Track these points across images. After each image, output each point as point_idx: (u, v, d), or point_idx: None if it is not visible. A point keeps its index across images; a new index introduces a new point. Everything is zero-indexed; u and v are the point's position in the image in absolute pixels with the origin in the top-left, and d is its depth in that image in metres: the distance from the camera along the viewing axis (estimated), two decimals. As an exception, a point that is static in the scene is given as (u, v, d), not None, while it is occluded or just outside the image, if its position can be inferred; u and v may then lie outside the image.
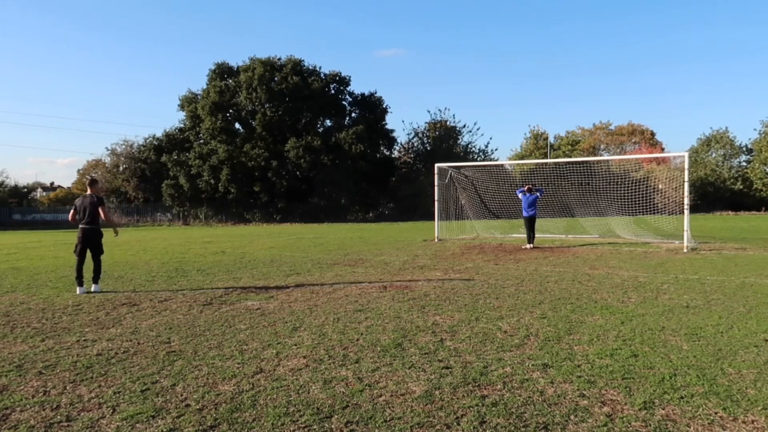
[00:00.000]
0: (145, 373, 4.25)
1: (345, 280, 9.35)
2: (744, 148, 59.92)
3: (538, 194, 15.71)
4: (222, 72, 48.53)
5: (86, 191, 8.44)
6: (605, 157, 50.10)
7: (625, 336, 5.20)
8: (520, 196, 15.77)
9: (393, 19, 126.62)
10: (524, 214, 15.60)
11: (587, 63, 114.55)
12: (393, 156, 53.84)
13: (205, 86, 48.72)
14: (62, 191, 75.05)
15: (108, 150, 60.21)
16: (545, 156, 62.08)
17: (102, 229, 8.52)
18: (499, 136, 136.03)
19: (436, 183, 19.80)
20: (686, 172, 14.81)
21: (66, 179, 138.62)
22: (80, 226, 8.26)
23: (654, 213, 20.85)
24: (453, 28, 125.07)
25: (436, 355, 4.64)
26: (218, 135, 45.90)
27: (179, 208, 48.43)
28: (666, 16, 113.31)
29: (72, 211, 8.40)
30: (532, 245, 15.21)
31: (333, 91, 49.20)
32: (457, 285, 8.58)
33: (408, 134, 61.77)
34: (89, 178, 9.14)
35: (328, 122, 49.66)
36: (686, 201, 14.76)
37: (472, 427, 3.18)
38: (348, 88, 50.01)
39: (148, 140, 51.33)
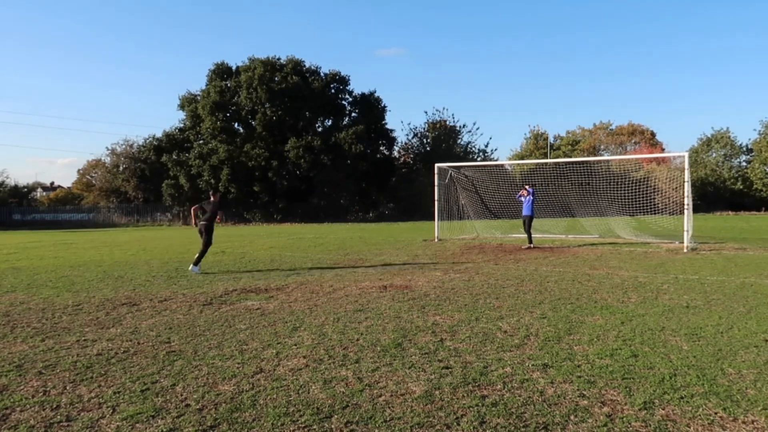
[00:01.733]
0: (145, 373, 4.25)
1: (345, 280, 9.35)
2: (744, 149, 59.95)
3: (530, 196, 15.71)
4: (222, 72, 48.56)
5: (209, 199, 11.41)
6: (605, 157, 50.10)
7: (625, 336, 5.20)
8: (523, 200, 15.77)
9: (393, 20, 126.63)
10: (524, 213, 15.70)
11: (587, 63, 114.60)
12: (393, 156, 53.85)
13: (205, 86, 48.76)
14: (62, 191, 75.04)
15: (108, 150, 60.33)
16: (545, 156, 62.08)
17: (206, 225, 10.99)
18: (499, 136, 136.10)
19: (436, 183, 19.80)
20: (686, 172, 14.81)
21: (66, 179, 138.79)
22: (202, 222, 11.03)
23: (654, 213, 20.85)
24: (453, 29, 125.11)
25: (436, 355, 4.64)
26: (218, 135, 45.92)
27: (179, 208, 48.43)
28: (666, 17, 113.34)
29: (196, 208, 11.35)
30: (531, 245, 15.24)
31: (333, 91, 49.22)
32: (457, 285, 8.58)
33: (406, 135, 61.83)
34: (214, 190, 12.82)
35: (327, 122, 49.68)
36: (686, 201, 14.76)
37: (472, 427, 3.18)
38: (347, 88, 50.06)
39: (148, 140, 51.36)
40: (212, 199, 11.35)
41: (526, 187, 15.83)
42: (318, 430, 3.17)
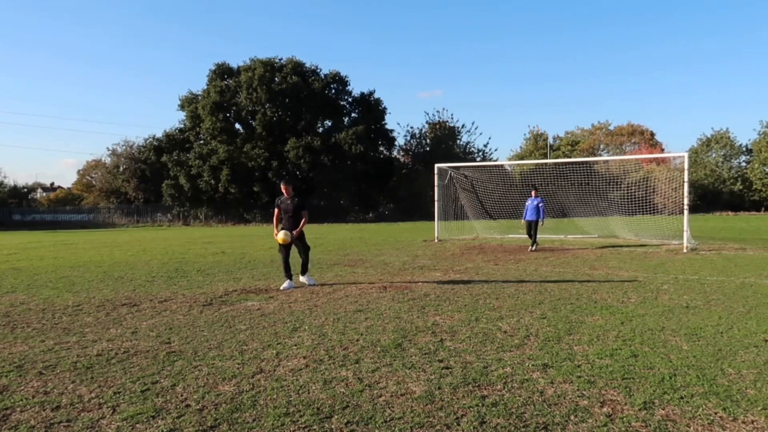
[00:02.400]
0: (145, 373, 4.25)
1: (345, 280, 9.35)
2: (744, 149, 59.96)
3: (540, 200, 15.35)
4: (222, 72, 48.59)
5: (282, 195, 8.89)
6: (605, 158, 50.14)
7: (625, 336, 5.21)
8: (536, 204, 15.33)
9: (394, 19, 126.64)
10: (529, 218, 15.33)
11: (587, 63, 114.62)
12: (393, 156, 53.88)
13: (205, 86, 48.78)
14: (62, 191, 75.07)
15: (108, 150, 60.37)
16: (545, 156, 62.10)
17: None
18: (499, 137, 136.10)
19: (435, 183, 19.81)
20: (686, 173, 14.81)
21: (66, 179, 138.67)
22: (282, 231, 8.60)
23: (654, 213, 20.86)
24: (453, 29, 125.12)
25: (436, 355, 4.65)
26: (218, 135, 45.94)
27: (179, 209, 48.46)
28: (666, 17, 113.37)
29: (277, 213, 8.90)
30: (533, 247, 15.19)
31: (333, 92, 49.25)
32: (457, 285, 8.58)
33: (405, 137, 61.91)
34: (285, 180, 8.97)
35: (327, 122, 49.70)
36: (686, 201, 14.77)
37: (472, 427, 3.18)
38: (347, 88, 50.09)
39: (148, 140, 51.41)
40: (285, 195, 8.71)
41: (533, 193, 15.45)
42: (318, 431, 3.17)
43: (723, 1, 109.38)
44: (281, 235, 8.49)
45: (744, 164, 59.43)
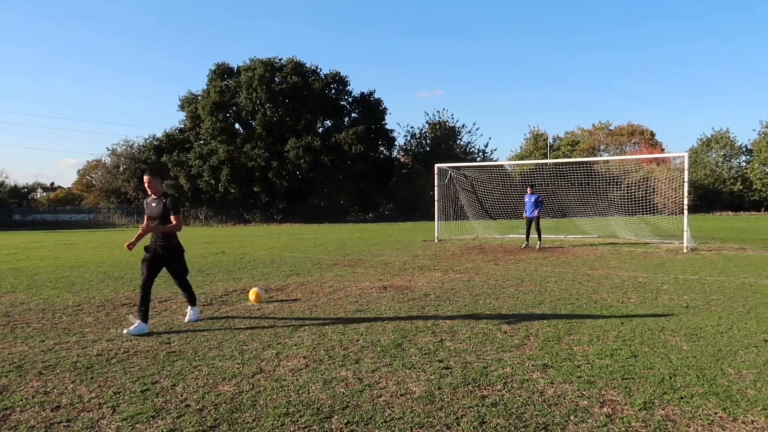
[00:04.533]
0: (145, 373, 4.25)
1: (345, 280, 9.35)
2: (744, 149, 59.94)
3: (538, 196, 15.64)
4: (222, 72, 48.58)
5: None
6: (605, 158, 50.15)
7: (625, 336, 5.21)
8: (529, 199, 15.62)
9: (393, 20, 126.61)
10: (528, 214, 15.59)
11: (587, 63, 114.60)
12: (393, 156, 53.88)
13: (205, 87, 48.78)
14: (62, 191, 75.09)
15: (108, 150, 60.40)
16: (545, 156, 62.10)
17: None
18: (499, 137, 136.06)
19: (436, 183, 19.81)
20: (686, 173, 14.81)
21: (66, 179, 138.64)
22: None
23: (654, 213, 20.87)
24: (453, 29, 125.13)
25: (436, 355, 4.65)
26: (218, 135, 45.92)
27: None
28: (666, 17, 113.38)
29: None
30: (539, 245, 15.40)
31: (333, 92, 49.25)
32: (457, 285, 8.58)
33: (405, 137, 61.93)
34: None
35: (327, 122, 49.69)
36: (686, 201, 14.77)
37: (472, 428, 3.18)
38: (347, 88, 50.09)
39: (148, 140, 51.37)
40: (149, 192, 5.98)
41: (528, 190, 15.72)
42: (318, 431, 3.17)
43: (723, 1, 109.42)
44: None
45: (744, 164, 59.40)
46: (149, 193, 5.94)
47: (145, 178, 5.90)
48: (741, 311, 6.32)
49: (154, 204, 5.93)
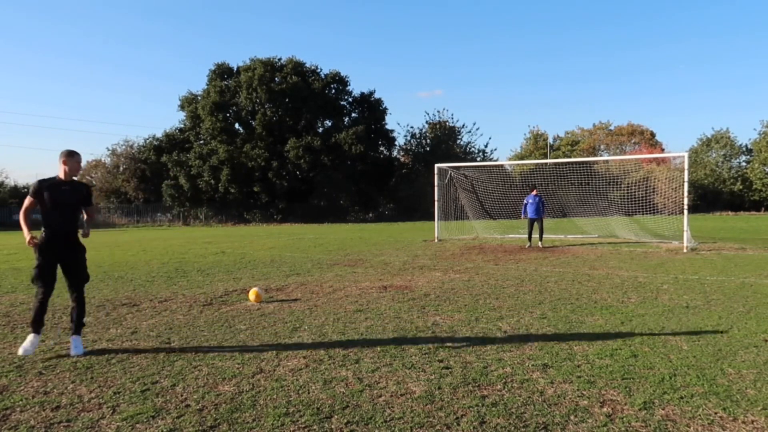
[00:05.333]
0: (145, 373, 4.25)
1: (345, 280, 9.35)
2: (744, 149, 59.93)
3: (540, 198, 15.84)
4: (222, 72, 48.62)
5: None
6: (605, 158, 50.16)
7: (625, 336, 5.21)
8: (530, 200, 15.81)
9: (392, 20, 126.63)
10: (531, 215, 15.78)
11: (587, 63, 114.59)
12: (393, 156, 53.89)
13: (205, 87, 48.79)
14: (62, 191, 74.95)
15: (108, 150, 60.39)
16: (545, 156, 62.10)
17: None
18: (499, 137, 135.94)
19: (436, 183, 19.81)
20: (686, 173, 14.82)
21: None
22: None
23: (654, 213, 20.87)
24: (453, 29, 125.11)
25: (436, 355, 4.65)
26: (218, 135, 45.95)
27: (179, 209, 48.44)
28: (666, 16, 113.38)
29: None
30: (540, 244, 15.60)
31: (333, 92, 49.26)
32: (457, 285, 8.58)
33: (405, 137, 61.94)
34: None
35: (328, 122, 49.72)
36: (686, 201, 14.78)
37: (472, 427, 3.18)
38: (347, 88, 50.10)
39: (148, 140, 51.43)
40: (61, 176, 4.97)
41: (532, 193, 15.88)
42: (318, 431, 3.17)
43: (723, 1, 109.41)
44: None
45: (744, 164, 59.43)
46: (62, 176, 4.98)
47: (65, 157, 4.95)
48: (741, 311, 6.32)
49: (67, 187, 5.00)
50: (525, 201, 15.94)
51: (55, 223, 4.89)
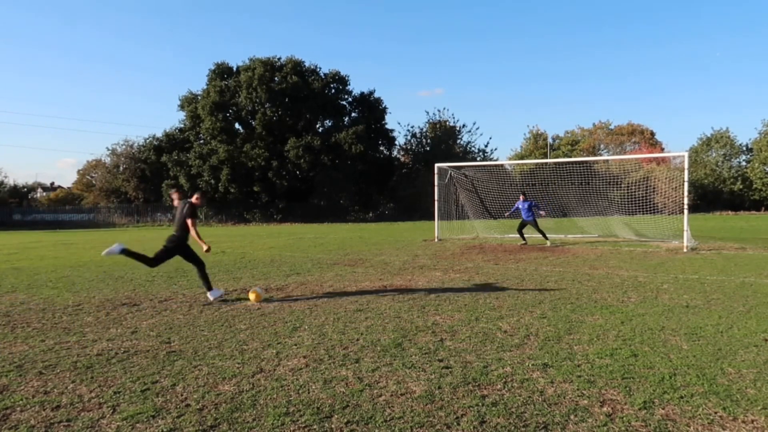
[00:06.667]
0: (145, 373, 4.25)
1: (345, 280, 9.35)
2: (744, 148, 59.90)
3: (531, 202, 16.20)
4: (222, 72, 48.58)
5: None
6: (605, 157, 50.17)
7: (625, 336, 5.21)
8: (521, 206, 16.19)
9: (392, 20, 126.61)
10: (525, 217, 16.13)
11: (587, 63, 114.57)
12: (393, 156, 53.87)
13: (205, 86, 48.77)
14: (62, 191, 75.09)
15: (108, 150, 60.39)
16: (545, 156, 62.10)
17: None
18: (499, 137, 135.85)
19: (436, 183, 19.81)
20: (686, 172, 14.81)
21: (66, 179, 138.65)
22: None
23: (654, 213, 20.87)
24: (453, 29, 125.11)
25: (436, 355, 4.65)
26: (218, 135, 45.92)
27: (179, 208, 48.36)
28: (666, 16, 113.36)
29: None
30: (548, 243, 15.92)
31: (333, 91, 49.23)
32: (457, 285, 8.58)
33: (405, 136, 61.95)
34: None
35: (327, 122, 49.69)
36: (686, 201, 14.78)
37: (472, 427, 3.18)
38: (347, 88, 50.06)
39: (148, 140, 51.42)
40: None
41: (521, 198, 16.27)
42: (318, 430, 3.17)
43: (723, 1, 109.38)
44: None
45: (744, 164, 59.38)
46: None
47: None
48: (741, 310, 6.32)
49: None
50: (515, 206, 16.46)
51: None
